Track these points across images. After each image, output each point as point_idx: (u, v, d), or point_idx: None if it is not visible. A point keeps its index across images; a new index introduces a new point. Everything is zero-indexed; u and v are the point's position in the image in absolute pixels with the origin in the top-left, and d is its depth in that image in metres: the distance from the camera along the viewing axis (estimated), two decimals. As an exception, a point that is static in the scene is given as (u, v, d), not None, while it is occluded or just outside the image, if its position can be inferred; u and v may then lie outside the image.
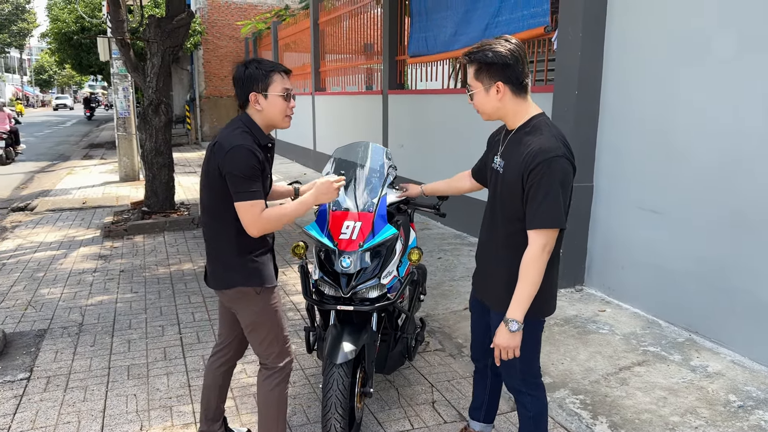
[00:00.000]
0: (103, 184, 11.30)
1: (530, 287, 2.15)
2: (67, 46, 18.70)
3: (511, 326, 2.16)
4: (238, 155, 2.31)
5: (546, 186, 2.09)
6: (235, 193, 2.34)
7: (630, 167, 4.62)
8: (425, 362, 3.83)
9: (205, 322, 4.51)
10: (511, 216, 2.25)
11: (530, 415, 2.46)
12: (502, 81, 2.19)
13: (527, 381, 2.43)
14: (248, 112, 2.49)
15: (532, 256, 2.13)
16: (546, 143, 2.13)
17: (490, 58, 2.17)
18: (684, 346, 3.96)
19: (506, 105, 2.24)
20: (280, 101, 2.46)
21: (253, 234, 2.38)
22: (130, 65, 8.24)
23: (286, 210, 2.45)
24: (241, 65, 2.47)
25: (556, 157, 2.10)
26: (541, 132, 2.18)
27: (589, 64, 4.77)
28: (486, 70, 2.20)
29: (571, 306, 4.70)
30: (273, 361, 2.59)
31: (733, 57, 3.79)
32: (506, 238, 2.29)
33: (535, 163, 2.10)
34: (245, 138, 2.37)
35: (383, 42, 9.00)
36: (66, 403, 3.34)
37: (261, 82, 2.42)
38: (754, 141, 3.68)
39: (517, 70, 2.18)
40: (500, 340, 2.20)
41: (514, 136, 2.27)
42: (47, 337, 4.21)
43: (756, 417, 3.13)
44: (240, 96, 2.47)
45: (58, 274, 5.66)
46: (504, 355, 2.21)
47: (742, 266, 3.78)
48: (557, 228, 2.13)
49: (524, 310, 2.16)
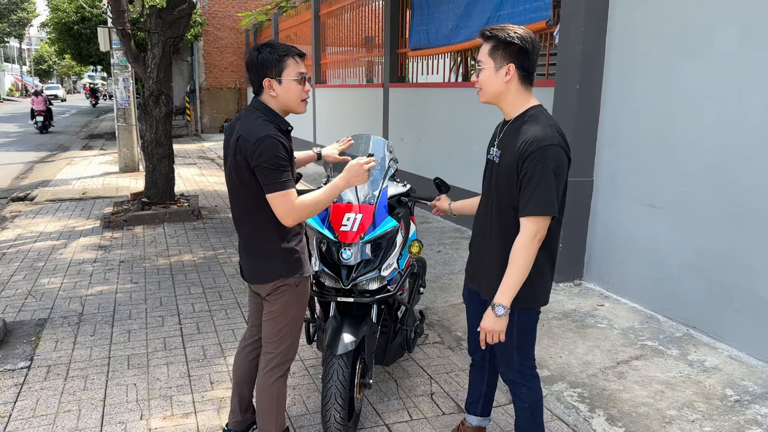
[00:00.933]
0: (103, 174, 11.30)
1: (519, 274, 2.15)
2: (67, 36, 18.67)
3: (498, 311, 2.17)
4: (264, 146, 2.27)
5: (540, 174, 2.10)
6: (266, 185, 2.30)
7: (630, 162, 4.62)
8: (424, 354, 3.85)
9: (205, 313, 4.52)
10: (505, 205, 2.26)
11: (526, 406, 2.47)
12: (514, 64, 2.19)
13: (524, 372, 2.44)
14: (262, 99, 2.43)
15: (523, 243, 2.14)
16: (541, 132, 2.14)
17: (510, 38, 2.16)
18: (682, 341, 3.98)
19: (510, 90, 2.23)
20: (294, 85, 2.41)
21: (288, 224, 2.36)
22: (131, 56, 8.23)
23: (319, 197, 2.42)
24: (254, 50, 2.41)
25: (551, 146, 2.11)
26: (538, 121, 2.19)
27: (591, 59, 4.77)
28: (503, 49, 2.19)
29: (570, 300, 4.72)
30: (280, 353, 2.56)
31: (733, 51, 3.79)
32: (500, 227, 2.30)
33: (530, 150, 2.11)
34: (268, 127, 2.32)
35: (384, 35, 8.98)
36: (66, 391, 3.35)
37: (275, 67, 2.37)
38: (753, 135, 3.69)
39: (532, 58, 2.19)
40: (486, 323, 2.21)
41: (512, 125, 2.27)
42: (47, 327, 4.22)
43: (752, 411, 3.15)
44: (254, 82, 2.42)
45: (58, 264, 5.68)
46: (489, 339, 2.23)
47: (741, 261, 3.80)
48: (549, 216, 2.14)
49: (511, 296, 2.17)
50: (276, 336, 2.54)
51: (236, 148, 2.35)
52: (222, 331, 4.18)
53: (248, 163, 2.31)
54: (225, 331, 4.17)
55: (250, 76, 2.43)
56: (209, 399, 3.29)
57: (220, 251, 6.21)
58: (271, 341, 2.55)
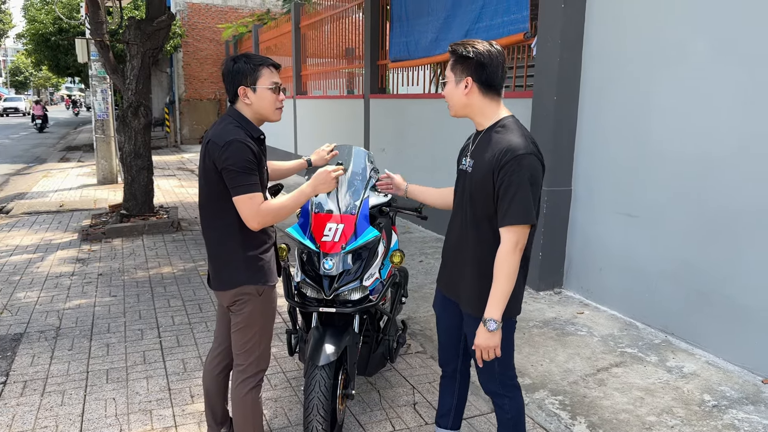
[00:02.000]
0: (81, 187, 11.16)
1: (505, 285, 2.16)
2: (44, 47, 18.46)
3: (490, 326, 2.17)
4: (232, 150, 2.30)
5: (517, 183, 2.12)
6: (232, 187, 2.32)
7: (607, 171, 4.70)
8: (407, 364, 3.85)
9: (185, 325, 4.47)
10: (481, 216, 2.27)
11: (509, 417, 2.47)
12: (472, 77, 2.23)
13: (505, 383, 2.44)
14: (237, 107, 2.48)
15: (505, 253, 2.15)
16: (516, 141, 2.16)
17: (467, 52, 2.22)
18: (660, 348, 4.03)
19: (473, 102, 2.27)
20: (269, 94, 2.46)
21: (254, 227, 2.37)
22: (110, 67, 8.16)
23: (285, 201, 2.45)
24: (230, 60, 2.46)
25: (527, 155, 2.13)
26: (512, 131, 2.21)
27: (568, 70, 4.85)
28: (460, 63, 2.25)
29: (551, 308, 4.76)
30: (251, 365, 2.54)
31: (706, 63, 3.88)
32: (477, 238, 2.30)
33: (506, 160, 2.13)
34: (237, 132, 2.36)
35: (365, 46, 9.03)
36: (43, 407, 3.29)
37: (249, 75, 2.42)
38: (726, 146, 3.77)
39: (490, 71, 2.22)
40: (480, 340, 2.21)
41: (484, 135, 2.30)
42: (24, 342, 4.15)
43: (730, 416, 3.20)
44: (229, 90, 2.46)
45: (35, 278, 5.58)
46: (485, 355, 2.22)
47: (716, 268, 3.87)
48: (528, 224, 2.16)
49: (501, 308, 2.17)
50: (244, 347, 2.53)
51: (205, 151, 2.39)
52: (202, 343, 4.14)
53: (216, 166, 2.34)
54: (205, 343, 4.13)
55: (226, 85, 2.47)
56: (190, 412, 3.26)
57: (200, 263, 6.16)
58: (240, 353, 2.54)
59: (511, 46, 5.80)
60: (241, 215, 2.36)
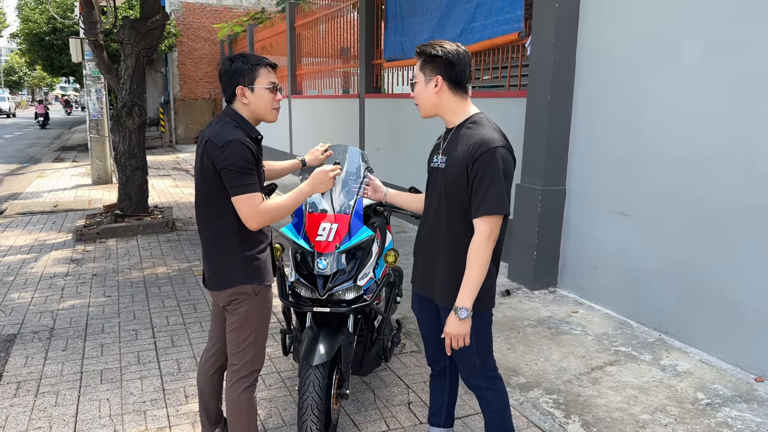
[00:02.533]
0: (75, 187, 11.12)
1: (477, 274, 2.21)
2: (38, 47, 18.40)
3: (461, 314, 2.21)
4: (231, 150, 2.30)
5: (490, 175, 2.18)
6: (231, 187, 2.33)
7: (601, 170, 4.71)
8: (401, 364, 3.85)
9: (179, 326, 4.47)
10: (454, 209, 2.31)
11: (495, 409, 2.49)
12: (441, 76, 2.29)
13: (487, 375, 2.47)
14: (234, 107, 2.48)
15: (479, 243, 2.20)
16: (488, 135, 2.23)
17: (435, 51, 2.28)
18: (654, 346, 4.05)
19: (443, 100, 2.34)
20: (266, 94, 2.48)
21: (253, 227, 2.38)
22: (104, 67, 8.14)
23: (284, 201, 2.47)
24: (227, 60, 2.46)
25: (499, 147, 2.20)
26: (483, 126, 2.29)
27: (562, 70, 4.86)
28: (429, 63, 2.31)
29: (545, 307, 4.77)
30: (245, 365, 2.54)
31: (700, 62, 3.90)
32: (450, 232, 2.34)
33: (479, 153, 2.19)
34: (236, 132, 2.36)
35: (360, 46, 9.03)
36: (37, 408, 3.28)
37: (247, 75, 2.43)
38: (720, 144, 3.78)
39: (458, 70, 2.29)
40: (450, 328, 2.25)
41: (455, 132, 2.35)
42: (17, 342, 4.13)
43: (723, 414, 3.21)
44: (226, 90, 2.46)
45: (29, 278, 5.56)
46: (455, 343, 2.26)
47: (710, 267, 3.89)
48: (502, 214, 2.21)
49: (472, 297, 2.22)
50: (239, 347, 2.53)
51: (203, 151, 2.38)
52: (197, 344, 4.13)
53: (215, 166, 2.33)
54: (200, 344, 4.12)
55: (223, 85, 2.47)
56: (184, 413, 3.25)
57: (194, 263, 6.14)
58: (235, 353, 2.54)
59: (506, 46, 5.81)
60: (240, 215, 2.36)
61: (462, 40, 6.36)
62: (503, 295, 5.04)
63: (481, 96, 6.28)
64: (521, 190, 5.19)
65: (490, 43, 5.96)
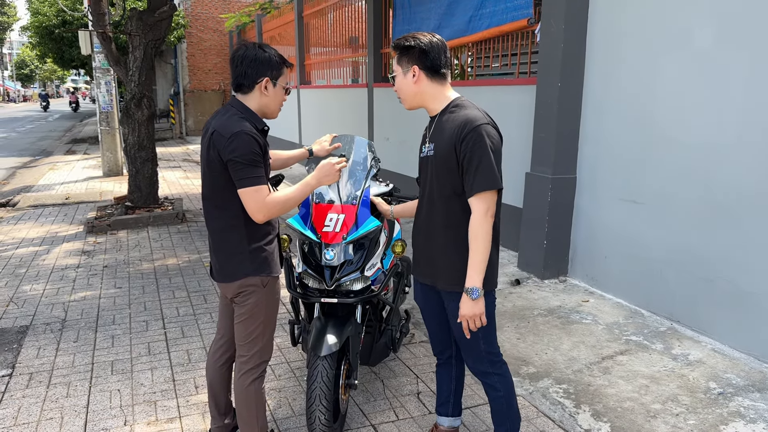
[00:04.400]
0: (86, 179, 11.19)
1: (482, 252, 2.22)
2: (48, 39, 18.47)
3: (473, 294, 2.22)
4: (238, 141, 2.28)
5: (479, 153, 2.20)
6: (238, 180, 2.31)
7: (612, 158, 4.65)
8: (410, 354, 3.84)
9: (189, 317, 4.49)
10: (448, 194, 2.32)
11: (501, 395, 2.49)
12: (417, 65, 2.33)
13: (492, 361, 2.47)
14: (242, 97, 2.44)
15: (478, 221, 2.22)
16: (471, 114, 2.26)
17: (408, 43, 2.34)
18: (666, 335, 4.01)
19: (423, 89, 2.37)
20: (282, 93, 2.50)
21: (259, 220, 2.37)
22: (112, 59, 8.15)
23: (291, 194, 2.45)
24: (258, 46, 2.42)
25: (484, 125, 2.23)
26: (466, 108, 2.31)
27: (572, 56, 4.80)
28: (405, 55, 2.36)
29: (555, 296, 4.74)
30: (254, 356, 2.54)
31: (714, 49, 3.83)
32: (447, 217, 2.34)
33: (466, 132, 2.22)
34: (243, 123, 2.33)
35: (368, 35, 8.97)
36: (49, 399, 3.31)
37: (275, 69, 2.43)
38: (732, 132, 3.72)
39: (433, 57, 2.32)
40: (465, 310, 2.25)
41: (439, 118, 2.37)
42: (29, 334, 4.17)
43: (735, 404, 3.18)
44: (249, 76, 2.40)
45: (41, 270, 5.61)
46: (472, 324, 2.26)
47: (723, 255, 3.84)
48: (495, 189, 2.22)
49: (481, 275, 2.23)
50: (248, 339, 2.52)
51: (210, 142, 2.36)
52: (207, 334, 4.15)
53: (221, 157, 2.31)
54: (210, 334, 4.14)
55: (247, 70, 2.39)
56: (194, 403, 3.27)
57: (204, 254, 6.17)
58: (244, 344, 2.54)
59: (515, 33, 5.74)
60: (246, 208, 2.34)
61: (471, 27, 6.30)
62: (513, 284, 5.02)
63: (489, 84, 6.22)
64: (531, 179, 5.15)
65: (498, 30, 5.89)
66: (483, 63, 6.57)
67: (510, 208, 5.54)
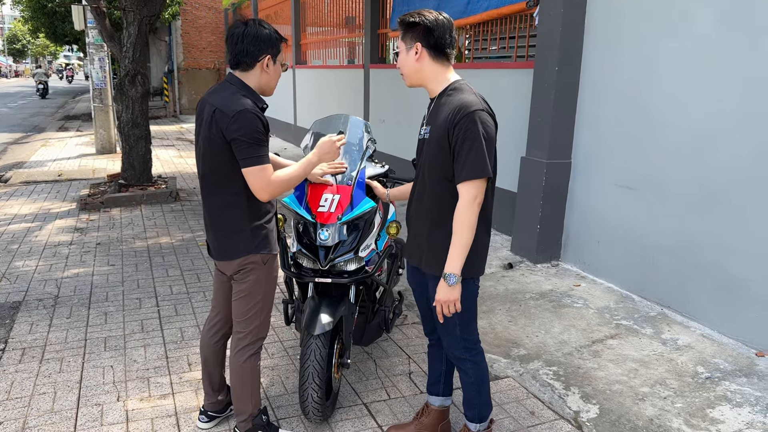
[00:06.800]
0: (79, 156, 11.11)
1: (464, 239, 2.20)
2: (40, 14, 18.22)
3: (449, 280, 2.21)
4: (243, 120, 2.26)
5: (471, 139, 2.17)
6: (242, 159, 2.29)
7: (608, 144, 4.66)
8: (403, 335, 3.87)
9: (183, 295, 4.49)
10: (439, 178, 2.30)
11: (471, 381, 2.50)
12: (421, 43, 2.29)
13: (468, 347, 2.47)
14: (241, 74, 2.41)
15: (464, 207, 2.19)
16: (467, 99, 2.22)
17: (413, 19, 2.29)
18: (656, 320, 4.05)
19: (425, 68, 2.33)
20: (279, 70, 2.48)
21: (264, 198, 2.37)
22: (106, 34, 8.06)
23: (293, 172, 2.45)
24: (258, 23, 2.38)
25: (478, 111, 2.19)
26: (463, 91, 2.28)
27: (570, 40, 4.78)
28: (410, 32, 2.31)
29: (547, 280, 4.77)
30: (251, 333, 2.55)
31: (711, 33, 3.82)
32: (437, 201, 2.33)
33: (459, 117, 2.18)
34: (246, 101, 2.31)
35: (365, 15, 8.89)
36: (42, 374, 3.32)
37: (275, 47, 2.40)
38: (727, 118, 3.73)
39: (437, 35, 2.27)
40: (440, 295, 2.25)
41: (437, 101, 2.35)
42: (22, 309, 4.17)
43: (722, 388, 3.22)
44: (251, 53, 2.36)
45: (33, 247, 5.59)
46: (446, 310, 2.25)
47: (713, 241, 3.86)
48: (484, 177, 2.19)
49: (460, 263, 2.21)
50: (245, 315, 2.53)
51: (211, 120, 2.32)
52: (200, 312, 4.16)
53: (224, 136, 2.29)
54: (203, 312, 4.15)
55: (245, 47, 2.35)
56: (187, 380, 3.29)
57: (198, 233, 6.16)
58: (241, 320, 2.55)
59: (513, 15, 5.71)
60: (251, 187, 2.34)
61: (469, 9, 6.25)
62: (506, 268, 5.04)
63: (487, 67, 6.19)
64: (526, 163, 5.15)
65: (497, 12, 5.85)
66: (481, 46, 6.54)
67: (504, 192, 5.55)
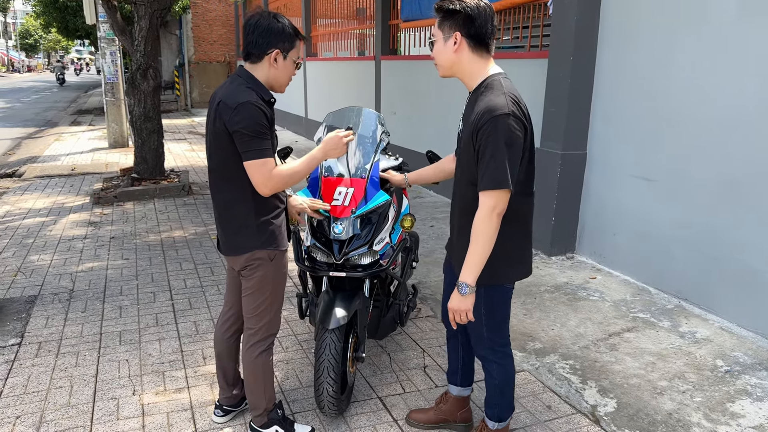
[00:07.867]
0: (92, 150, 11.17)
1: (480, 251, 2.09)
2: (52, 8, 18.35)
3: (462, 290, 2.13)
4: (245, 112, 2.22)
5: (492, 146, 2.03)
6: (243, 152, 2.26)
7: (623, 134, 4.59)
8: (417, 328, 3.85)
9: (197, 288, 4.50)
10: (468, 180, 2.21)
11: (495, 383, 2.46)
12: (460, 32, 2.14)
13: (494, 349, 2.41)
14: (251, 68, 2.37)
15: (481, 218, 2.08)
16: (494, 101, 2.06)
17: (453, 6, 2.13)
18: (673, 313, 4.00)
19: (462, 60, 2.18)
20: (292, 67, 2.41)
21: (265, 193, 2.33)
22: (117, 28, 8.06)
23: (296, 167, 2.40)
24: (272, 15, 2.34)
25: (502, 116, 2.02)
26: (493, 90, 2.11)
27: (585, 30, 4.71)
28: (448, 19, 2.16)
29: (562, 273, 4.73)
30: (261, 329, 2.54)
31: (730, 21, 3.74)
32: (465, 203, 2.25)
33: (483, 121, 2.05)
34: (250, 94, 2.27)
35: (376, 6, 8.83)
36: (58, 368, 3.34)
37: (288, 42, 2.34)
38: (749, 109, 3.66)
39: (478, 24, 2.12)
40: (452, 303, 2.19)
41: (472, 96, 2.22)
42: (38, 303, 4.19)
43: (742, 382, 3.18)
44: (260, 45, 2.32)
45: (48, 241, 5.62)
46: (457, 318, 2.19)
47: (732, 233, 3.80)
48: (503, 189, 2.05)
49: (475, 274, 2.11)
50: (255, 311, 2.52)
51: (216, 113, 2.30)
52: (214, 306, 4.16)
53: (227, 128, 2.26)
54: (217, 306, 4.15)
55: (257, 39, 2.31)
56: (202, 374, 3.29)
57: (211, 227, 6.17)
58: (251, 317, 2.53)
59: (527, 5, 5.63)
60: (252, 181, 2.31)
61: None
62: (520, 260, 5.00)
63: (500, 57, 6.09)
64: (540, 155, 5.09)
65: (510, 1, 5.78)
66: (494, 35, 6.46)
67: (518, 183, 5.49)
